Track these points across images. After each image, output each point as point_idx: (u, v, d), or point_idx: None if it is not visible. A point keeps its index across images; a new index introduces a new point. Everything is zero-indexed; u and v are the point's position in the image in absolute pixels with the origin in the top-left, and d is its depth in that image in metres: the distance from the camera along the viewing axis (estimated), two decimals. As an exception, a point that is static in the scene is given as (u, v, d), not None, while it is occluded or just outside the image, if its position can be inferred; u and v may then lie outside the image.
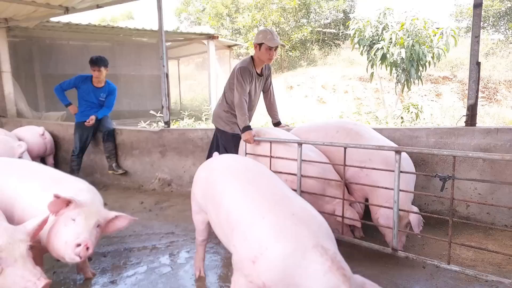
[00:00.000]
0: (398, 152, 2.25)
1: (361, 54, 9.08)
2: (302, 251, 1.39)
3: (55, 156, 5.12)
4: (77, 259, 1.76)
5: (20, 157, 3.72)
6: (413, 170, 2.66)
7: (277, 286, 1.41)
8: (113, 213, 2.02)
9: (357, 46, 9.07)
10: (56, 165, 5.05)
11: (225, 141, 3.35)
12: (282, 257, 1.40)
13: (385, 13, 8.72)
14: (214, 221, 1.91)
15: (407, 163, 2.62)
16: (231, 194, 1.77)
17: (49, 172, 2.30)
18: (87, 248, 1.76)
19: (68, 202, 1.84)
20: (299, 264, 1.38)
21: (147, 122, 7.49)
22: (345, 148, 2.50)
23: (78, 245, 1.75)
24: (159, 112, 6.08)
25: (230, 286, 1.69)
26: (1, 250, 1.53)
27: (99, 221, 1.90)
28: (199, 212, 2.19)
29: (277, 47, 3.08)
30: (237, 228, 1.60)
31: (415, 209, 2.46)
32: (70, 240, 1.77)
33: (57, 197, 1.79)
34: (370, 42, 8.69)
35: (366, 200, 2.75)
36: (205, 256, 2.42)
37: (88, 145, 4.61)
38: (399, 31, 8.08)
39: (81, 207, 1.87)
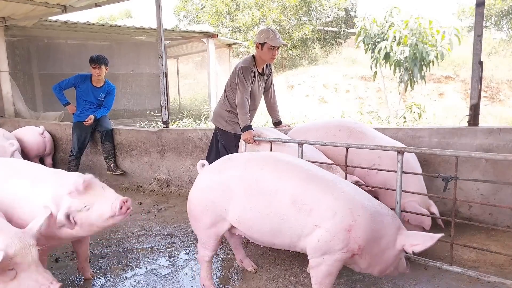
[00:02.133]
0: (400, 152, 2.23)
1: (365, 52, 9.03)
2: (378, 210, 1.79)
3: (53, 156, 5.10)
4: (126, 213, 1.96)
5: (11, 156, 3.68)
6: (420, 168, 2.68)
7: (369, 243, 1.72)
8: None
9: (360, 44, 9.02)
10: (54, 165, 5.02)
11: (226, 141, 3.31)
12: (371, 219, 1.73)
13: (391, 12, 8.65)
14: (255, 213, 1.85)
15: (416, 161, 2.66)
16: (289, 181, 1.82)
17: (39, 168, 2.24)
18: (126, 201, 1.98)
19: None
20: (379, 219, 1.76)
21: (146, 122, 7.47)
22: (346, 149, 2.47)
23: (124, 201, 1.94)
24: (158, 111, 6.06)
25: (314, 280, 1.84)
26: (16, 256, 1.55)
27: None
28: (216, 223, 1.97)
29: (279, 46, 3.05)
30: (317, 207, 1.75)
31: (424, 210, 2.45)
32: (114, 200, 1.93)
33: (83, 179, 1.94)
34: (375, 40, 8.64)
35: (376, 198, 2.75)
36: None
37: (86, 145, 4.58)
38: (404, 29, 8.03)
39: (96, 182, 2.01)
